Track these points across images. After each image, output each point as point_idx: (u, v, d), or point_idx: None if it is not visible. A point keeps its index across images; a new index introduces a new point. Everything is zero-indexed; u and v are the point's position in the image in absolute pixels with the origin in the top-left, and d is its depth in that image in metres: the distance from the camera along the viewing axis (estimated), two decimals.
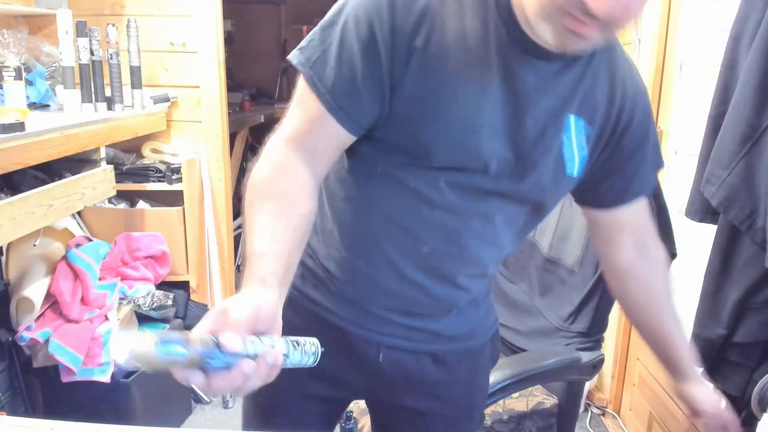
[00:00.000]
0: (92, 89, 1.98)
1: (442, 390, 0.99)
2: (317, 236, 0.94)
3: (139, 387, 1.93)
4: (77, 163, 1.86)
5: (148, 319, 2.12)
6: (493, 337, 1.04)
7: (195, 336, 0.55)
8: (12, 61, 1.83)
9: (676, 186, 1.96)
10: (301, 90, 0.81)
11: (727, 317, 1.17)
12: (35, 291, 1.79)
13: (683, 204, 1.36)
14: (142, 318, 2.11)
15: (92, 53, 1.96)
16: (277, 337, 0.63)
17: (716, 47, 1.39)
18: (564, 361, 1.31)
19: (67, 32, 1.87)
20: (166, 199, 2.38)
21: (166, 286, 2.28)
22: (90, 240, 2.08)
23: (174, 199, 2.35)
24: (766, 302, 1.13)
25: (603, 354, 1.35)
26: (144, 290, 2.12)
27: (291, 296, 0.94)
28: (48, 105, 2.05)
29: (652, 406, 2.04)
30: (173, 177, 2.30)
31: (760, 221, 1.09)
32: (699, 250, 1.36)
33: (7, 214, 1.45)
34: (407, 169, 0.83)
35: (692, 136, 1.91)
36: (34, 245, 1.91)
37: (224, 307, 0.59)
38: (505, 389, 1.22)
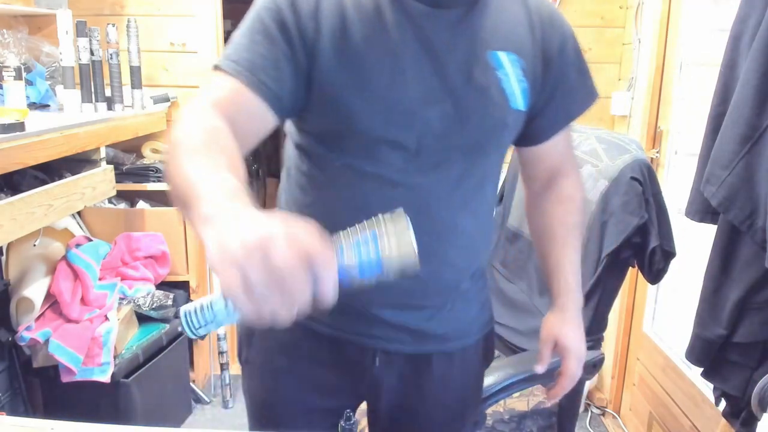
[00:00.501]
0: (92, 89, 1.98)
1: (437, 391, 0.99)
2: None
3: (139, 387, 1.93)
4: (77, 163, 1.86)
5: (148, 319, 2.12)
6: (487, 336, 1.04)
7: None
8: (12, 61, 1.83)
9: (676, 186, 1.96)
10: (223, 77, 0.78)
11: (727, 317, 1.17)
12: (35, 291, 1.79)
13: (683, 204, 1.36)
14: (142, 318, 2.11)
15: (92, 53, 1.96)
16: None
17: (716, 47, 1.39)
18: None
19: (67, 32, 1.87)
20: (166, 199, 2.37)
21: (166, 286, 2.28)
22: (90, 240, 2.08)
23: None
24: (766, 302, 1.13)
25: (603, 353, 1.35)
26: (144, 290, 2.12)
27: None
28: (48, 105, 2.05)
29: (652, 406, 2.04)
30: None
31: (760, 221, 1.09)
32: (699, 250, 1.36)
33: (7, 214, 1.45)
34: (360, 155, 0.83)
35: (692, 136, 1.91)
36: (34, 245, 1.91)
37: (304, 236, 0.53)
38: (506, 389, 1.22)
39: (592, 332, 1.37)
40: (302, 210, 0.91)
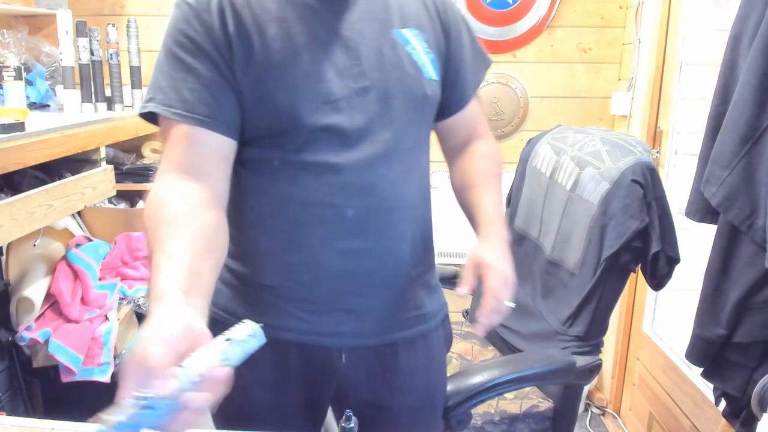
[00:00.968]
0: (92, 89, 1.97)
1: (404, 380, 1.00)
2: (243, 262, 0.95)
3: None
4: (77, 163, 1.86)
5: None
6: (444, 320, 1.07)
7: (123, 406, 0.53)
8: (12, 61, 1.83)
9: (676, 186, 1.96)
10: (164, 128, 0.83)
11: (727, 317, 1.17)
12: (35, 291, 1.79)
13: (683, 204, 1.36)
14: (142, 318, 2.11)
15: (92, 53, 1.96)
16: (206, 348, 0.58)
17: (716, 47, 1.39)
18: (556, 365, 1.30)
19: (67, 32, 1.87)
20: None
21: None
22: (90, 240, 2.08)
23: None
24: (766, 302, 1.13)
25: (600, 359, 1.34)
26: (144, 290, 2.12)
27: (225, 325, 0.94)
28: (48, 105, 2.05)
29: (652, 406, 2.04)
30: None
31: (760, 221, 1.09)
32: (699, 250, 1.36)
33: (7, 214, 1.44)
34: (297, 147, 0.86)
35: (692, 136, 1.91)
36: (34, 245, 1.91)
37: (135, 357, 0.56)
38: (492, 389, 1.21)
39: (591, 337, 1.36)
40: (243, 221, 0.92)
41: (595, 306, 1.34)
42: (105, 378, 1.83)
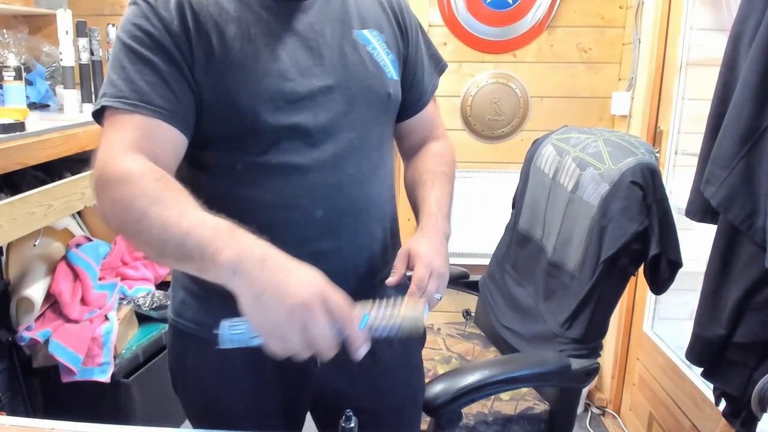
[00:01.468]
0: (92, 89, 1.97)
1: (383, 380, 1.00)
2: None
3: (139, 387, 1.93)
4: (77, 163, 1.86)
5: (148, 319, 2.12)
6: None
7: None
8: (12, 61, 1.83)
9: (676, 186, 1.96)
10: (112, 121, 0.79)
11: (727, 317, 1.17)
12: (35, 291, 1.79)
13: (683, 204, 1.36)
14: (142, 318, 2.11)
15: (92, 53, 1.96)
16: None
17: (716, 47, 1.39)
18: (550, 367, 1.30)
19: (67, 32, 1.87)
20: None
21: (166, 286, 2.27)
22: (90, 240, 2.08)
23: None
24: (766, 302, 1.13)
25: (597, 363, 1.33)
26: (144, 290, 2.12)
27: (199, 340, 0.94)
28: (48, 105, 2.05)
29: (652, 406, 2.04)
30: None
31: (760, 221, 1.09)
32: (699, 250, 1.36)
33: (7, 214, 1.44)
34: (261, 150, 0.84)
35: (692, 136, 1.91)
36: (34, 245, 1.91)
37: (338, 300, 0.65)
38: (481, 389, 1.20)
39: (588, 339, 1.35)
40: None
41: (593, 309, 1.33)
42: (105, 378, 1.83)
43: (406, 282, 0.96)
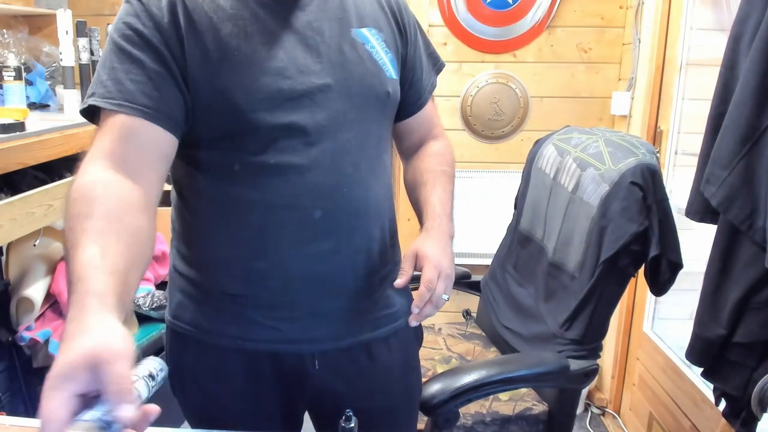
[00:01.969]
0: None
1: (382, 382, 1.00)
2: (205, 271, 0.93)
3: None
4: (77, 163, 1.85)
5: (148, 319, 2.12)
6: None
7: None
8: (12, 61, 1.83)
9: (677, 186, 1.96)
10: (102, 121, 0.79)
11: (727, 317, 1.17)
12: (35, 291, 1.79)
13: (683, 204, 1.36)
14: (142, 318, 2.11)
15: (92, 53, 1.96)
16: (136, 383, 0.58)
17: (716, 47, 1.39)
18: (547, 368, 1.29)
19: (67, 32, 1.87)
20: (166, 199, 2.37)
21: (166, 286, 2.27)
22: None
23: None
24: (766, 302, 1.13)
25: (597, 364, 1.33)
26: (144, 290, 2.12)
27: (196, 342, 0.94)
28: (48, 105, 2.05)
29: (652, 406, 2.04)
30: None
31: (760, 221, 1.09)
32: (699, 250, 1.36)
33: (7, 214, 1.44)
34: (258, 149, 0.84)
35: (692, 136, 1.91)
36: (34, 245, 1.91)
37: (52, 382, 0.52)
38: (478, 389, 1.20)
39: (587, 340, 1.35)
40: (207, 231, 0.90)
41: (593, 309, 1.33)
42: None
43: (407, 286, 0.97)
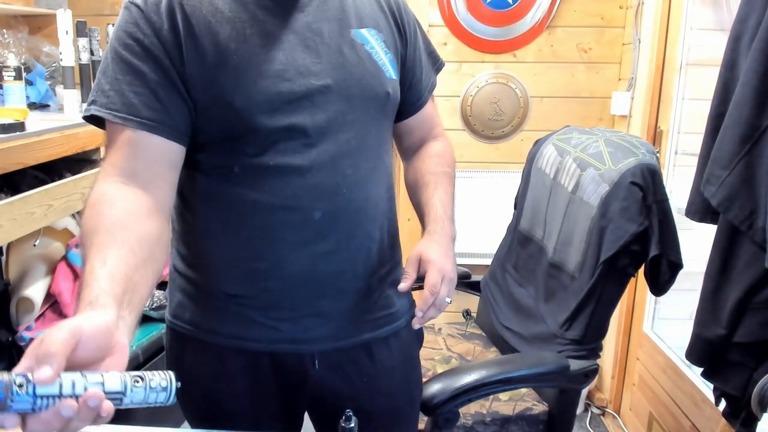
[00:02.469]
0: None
1: (382, 382, 1.00)
2: (205, 271, 0.93)
3: None
4: (77, 163, 1.86)
5: (148, 319, 2.12)
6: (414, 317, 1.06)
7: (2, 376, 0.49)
8: (12, 61, 1.83)
9: (677, 186, 1.96)
10: (109, 133, 0.81)
11: (727, 317, 1.17)
12: (35, 291, 1.79)
13: (683, 204, 1.36)
14: (142, 318, 2.11)
15: (92, 53, 1.96)
16: (112, 373, 0.54)
17: (716, 47, 1.39)
18: (547, 368, 1.29)
19: (67, 32, 1.87)
20: None
21: (166, 286, 2.27)
22: None
23: None
24: (766, 302, 1.13)
25: (596, 364, 1.33)
26: None
27: (196, 342, 0.95)
28: (48, 105, 2.05)
29: (652, 406, 2.04)
30: None
31: (760, 221, 1.09)
32: (699, 250, 1.36)
33: (7, 214, 1.44)
34: (258, 151, 0.84)
35: (692, 136, 1.91)
36: (34, 245, 1.91)
37: (41, 337, 0.52)
38: (478, 389, 1.20)
39: (587, 341, 1.35)
40: (208, 231, 0.90)
41: (593, 310, 1.33)
42: None
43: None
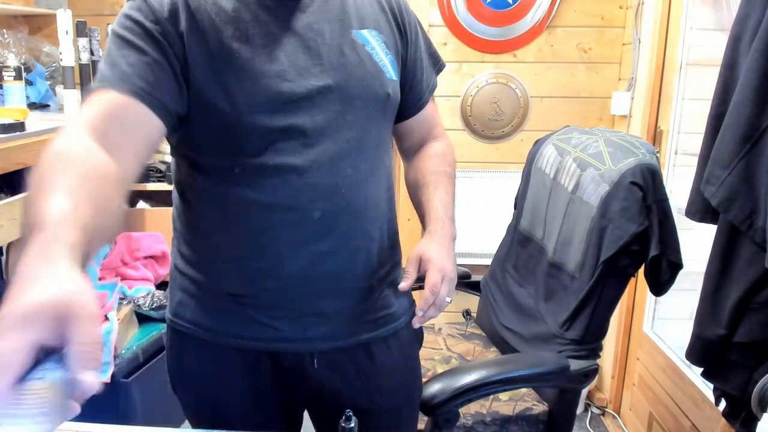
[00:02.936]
0: None
1: (382, 382, 1.00)
2: (206, 270, 0.93)
3: (139, 387, 1.93)
4: None
5: (148, 319, 2.12)
6: (413, 317, 1.06)
7: None
8: (12, 61, 1.83)
9: (677, 186, 1.96)
10: (97, 94, 0.77)
11: (727, 317, 1.17)
12: None
13: (683, 204, 1.36)
14: (142, 318, 2.11)
15: (92, 53, 1.96)
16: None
17: (716, 47, 1.39)
18: (547, 368, 1.29)
19: (67, 32, 1.88)
20: (167, 199, 2.37)
21: (166, 286, 2.27)
22: None
23: None
24: (766, 302, 1.13)
25: (596, 364, 1.33)
26: (144, 290, 2.12)
27: (197, 341, 0.94)
28: (48, 105, 2.05)
29: (652, 406, 2.04)
30: None
31: (760, 221, 1.09)
32: (699, 250, 1.36)
33: (7, 214, 1.45)
34: (257, 151, 0.84)
35: (692, 136, 1.91)
36: None
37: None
38: (478, 389, 1.20)
39: (587, 341, 1.35)
40: (211, 231, 0.90)
41: (593, 310, 1.32)
42: (105, 378, 1.83)
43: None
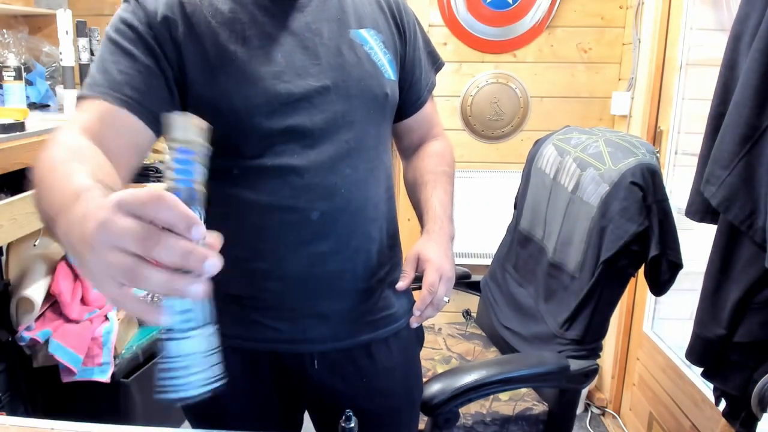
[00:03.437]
0: None
1: (382, 383, 1.00)
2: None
3: (139, 387, 1.93)
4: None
5: None
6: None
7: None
8: (12, 61, 1.83)
9: (677, 186, 1.96)
10: (87, 103, 0.77)
11: (727, 317, 1.17)
12: (35, 291, 1.79)
13: (683, 204, 1.36)
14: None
15: (92, 53, 1.96)
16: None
17: (716, 47, 1.39)
18: (547, 368, 1.29)
19: (67, 32, 1.88)
20: None
21: None
22: None
23: None
24: (766, 302, 1.13)
25: (596, 364, 1.33)
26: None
27: None
28: (48, 105, 2.05)
29: (652, 406, 2.04)
30: None
31: (760, 221, 1.09)
32: (699, 250, 1.36)
33: (7, 214, 1.45)
34: (257, 153, 0.84)
35: (692, 136, 1.91)
36: (34, 245, 1.91)
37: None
38: (478, 389, 1.20)
39: (587, 341, 1.35)
40: (212, 229, 0.89)
41: (593, 310, 1.33)
42: (105, 378, 1.83)
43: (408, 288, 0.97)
